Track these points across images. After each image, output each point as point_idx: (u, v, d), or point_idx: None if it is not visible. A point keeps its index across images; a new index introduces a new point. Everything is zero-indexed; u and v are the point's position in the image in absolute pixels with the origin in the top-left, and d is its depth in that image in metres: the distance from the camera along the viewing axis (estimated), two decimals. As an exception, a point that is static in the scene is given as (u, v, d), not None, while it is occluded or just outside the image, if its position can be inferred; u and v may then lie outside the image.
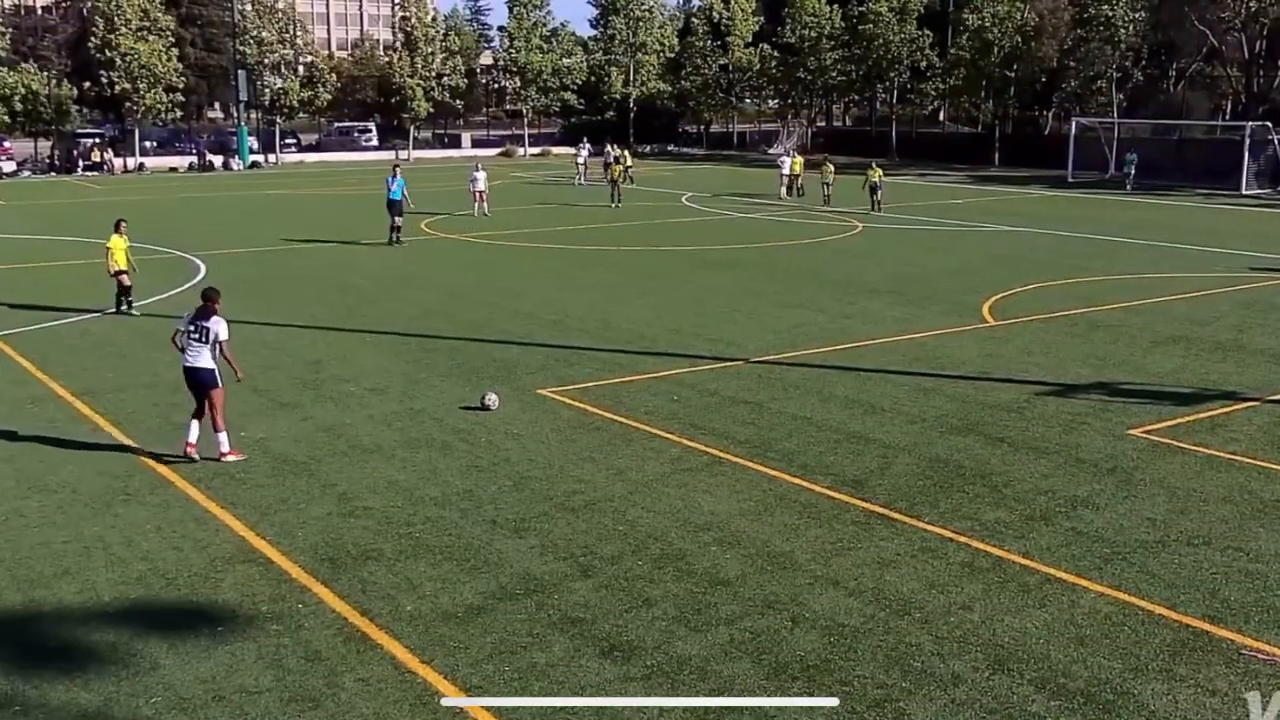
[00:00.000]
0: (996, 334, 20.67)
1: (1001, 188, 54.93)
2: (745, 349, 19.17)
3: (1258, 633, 9.11)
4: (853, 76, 79.48)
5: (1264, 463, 13.28)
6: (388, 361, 18.37)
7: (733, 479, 12.72)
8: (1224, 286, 25.77)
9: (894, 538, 11.05)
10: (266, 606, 9.58)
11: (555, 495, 12.20)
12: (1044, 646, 8.88)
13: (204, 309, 13.43)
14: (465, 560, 10.51)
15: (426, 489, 12.41)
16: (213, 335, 13.20)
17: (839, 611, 9.47)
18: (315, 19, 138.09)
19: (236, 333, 20.46)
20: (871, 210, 41.58)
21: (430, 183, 58.20)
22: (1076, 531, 11.21)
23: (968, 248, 32.94)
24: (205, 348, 13.21)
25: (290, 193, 51.22)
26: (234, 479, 12.71)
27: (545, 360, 18.32)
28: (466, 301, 23.70)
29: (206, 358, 13.23)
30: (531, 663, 8.63)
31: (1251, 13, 59.94)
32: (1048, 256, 30.79)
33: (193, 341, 13.24)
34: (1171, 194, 51.15)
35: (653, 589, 9.90)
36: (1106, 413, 15.35)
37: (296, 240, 34.00)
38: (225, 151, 72.48)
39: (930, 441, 14.10)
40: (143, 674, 8.51)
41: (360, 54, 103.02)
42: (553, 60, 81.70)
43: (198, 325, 13.25)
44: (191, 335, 13.24)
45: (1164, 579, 10.11)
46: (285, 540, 10.98)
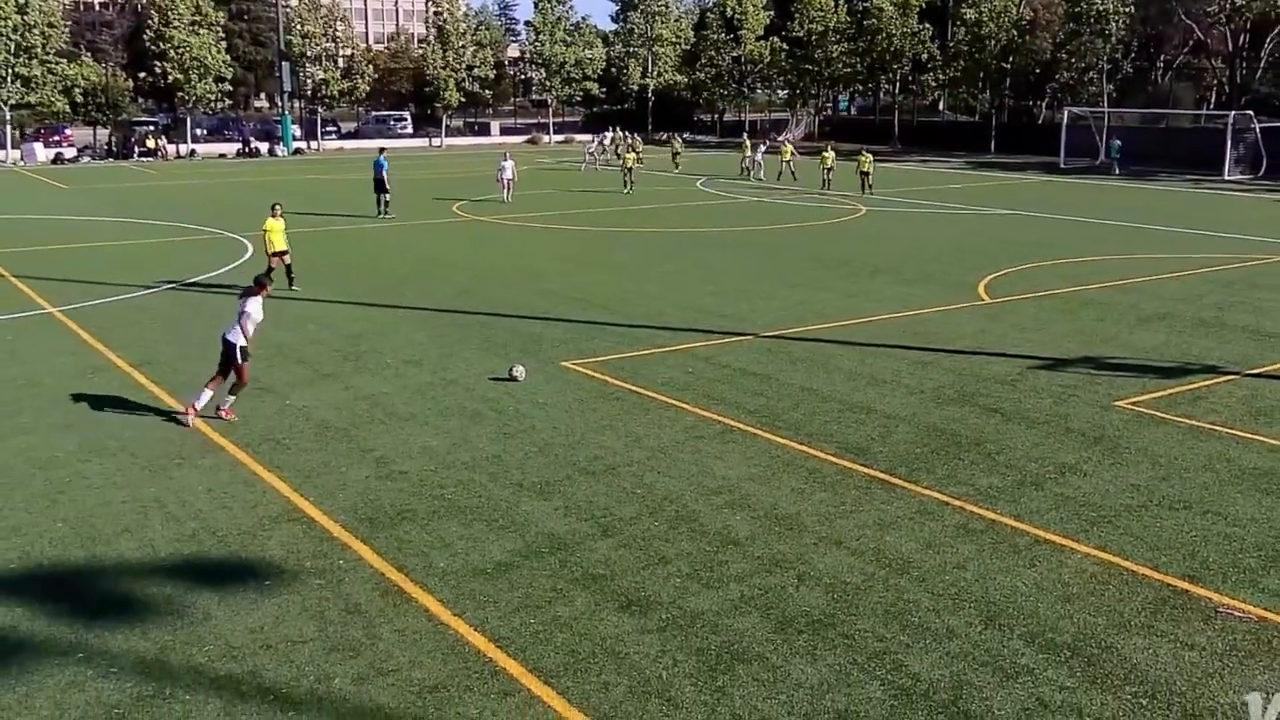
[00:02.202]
0: (991, 311, 20.57)
1: (997, 173, 54.55)
2: (754, 324, 19.13)
3: (1234, 591, 9.09)
4: (858, 68, 78.94)
5: (1242, 433, 13.20)
6: (422, 336, 18.41)
7: (743, 446, 12.72)
8: (1206, 267, 25.57)
9: (893, 501, 11.05)
10: (310, 563, 9.65)
11: (577, 460, 12.23)
12: (1033, 603, 8.88)
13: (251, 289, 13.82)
14: (494, 520, 10.56)
15: (458, 454, 12.45)
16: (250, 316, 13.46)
17: (842, 570, 9.49)
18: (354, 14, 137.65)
19: (284, 308, 20.67)
20: (862, 192, 41.55)
21: (461, 169, 58.17)
22: (1065, 496, 11.18)
23: (964, 230, 32.74)
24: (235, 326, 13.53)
25: (331, 177, 51.23)
26: (280, 444, 12.77)
27: (567, 335, 18.32)
28: (494, 281, 23.69)
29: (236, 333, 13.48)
30: (555, 616, 8.67)
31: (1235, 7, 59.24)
32: (1040, 238, 30.59)
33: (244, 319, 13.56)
34: (1158, 180, 50.72)
35: (668, 548, 9.93)
36: (1094, 385, 15.28)
37: (337, 223, 34.01)
38: (270, 138, 72.57)
39: (928, 411, 14.07)
40: (196, 624, 8.58)
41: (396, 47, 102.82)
42: (575, 53, 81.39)
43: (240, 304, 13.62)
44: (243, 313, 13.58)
45: (1146, 541, 10.08)
46: (327, 501, 11.04)
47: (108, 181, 51.15)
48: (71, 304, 20.97)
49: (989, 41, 68.41)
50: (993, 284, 23.21)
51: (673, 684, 7.73)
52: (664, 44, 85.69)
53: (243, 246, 28.70)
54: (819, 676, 7.82)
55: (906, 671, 7.88)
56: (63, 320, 19.62)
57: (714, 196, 43.13)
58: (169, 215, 36.03)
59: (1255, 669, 7.91)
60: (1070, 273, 24.68)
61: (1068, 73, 68.71)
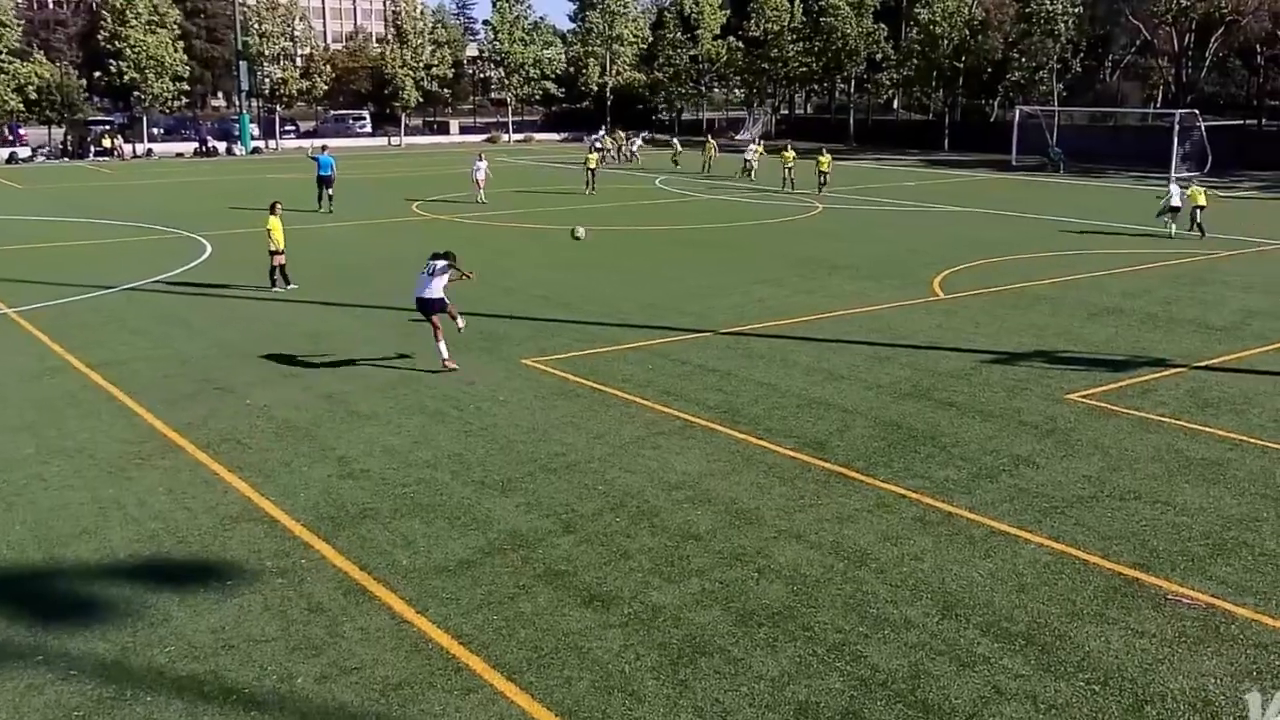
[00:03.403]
0: (946, 307, 20.75)
1: (951, 171, 55.02)
2: (713, 321, 19.18)
3: (1183, 579, 9.23)
4: (813, 67, 79.30)
5: (1189, 424, 13.41)
6: (383, 334, 18.29)
7: (703, 441, 12.75)
8: (1154, 262, 25.93)
9: (852, 495, 11.12)
10: (271, 562, 9.57)
11: (539, 457, 12.21)
12: (989, 593, 8.97)
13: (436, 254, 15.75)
14: (456, 518, 10.52)
15: (419, 452, 12.39)
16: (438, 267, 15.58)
17: (801, 563, 9.54)
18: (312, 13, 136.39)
19: (242, 308, 20.47)
20: (818, 191, 41.60)
21: (420, 168, 57.86)
22: (1019, 488, 11.30)
23: (919, 227, 32.99)
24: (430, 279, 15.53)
25: (290, 177, 50.76)
26: (240, 444, 12.65)
27: (529, 332, 18.28)
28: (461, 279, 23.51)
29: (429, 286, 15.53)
30: (518, 612, 8.65)
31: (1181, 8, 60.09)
32: (993, 235, 30.89)
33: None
34: (1106, 177, 51.36)
35: (630, 543, 9.94)
36: (1046, 379, 15.46)
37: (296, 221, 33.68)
38: (228, 138, 71.72)
39: (885, 406, 14.17)
40: (156, 625, 8.49)
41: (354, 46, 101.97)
42: (534, 52, 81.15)
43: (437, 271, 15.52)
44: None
45: (1098, 531, 10.22)
46: (288, 500, 10.95)
47: (63, 181, 50.39)
48: (28, 305, 20.65)
49: (942, 41, 68.96)
50: (947, 280, 23.41)
51: (635, 678, 7.74)
52: (623, 43, 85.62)
53: (200, 246, 28.38)
54: (779, 668, 7.86)
55: (865, 662, 7.94)
56: (19, 321, 19.32)
57: (673, 195, 43.17)
58: (126, 215, 35.57)
59: (1204, 655, 8.04)
60: (1022, 269, 24.94)
61: (1019, 72, 69.46)
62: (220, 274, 24.06)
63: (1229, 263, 26.11)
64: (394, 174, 53.03)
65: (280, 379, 15.50)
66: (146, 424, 13.44)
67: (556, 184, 46.48)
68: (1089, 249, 28.04)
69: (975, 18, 69.30)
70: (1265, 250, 28.28)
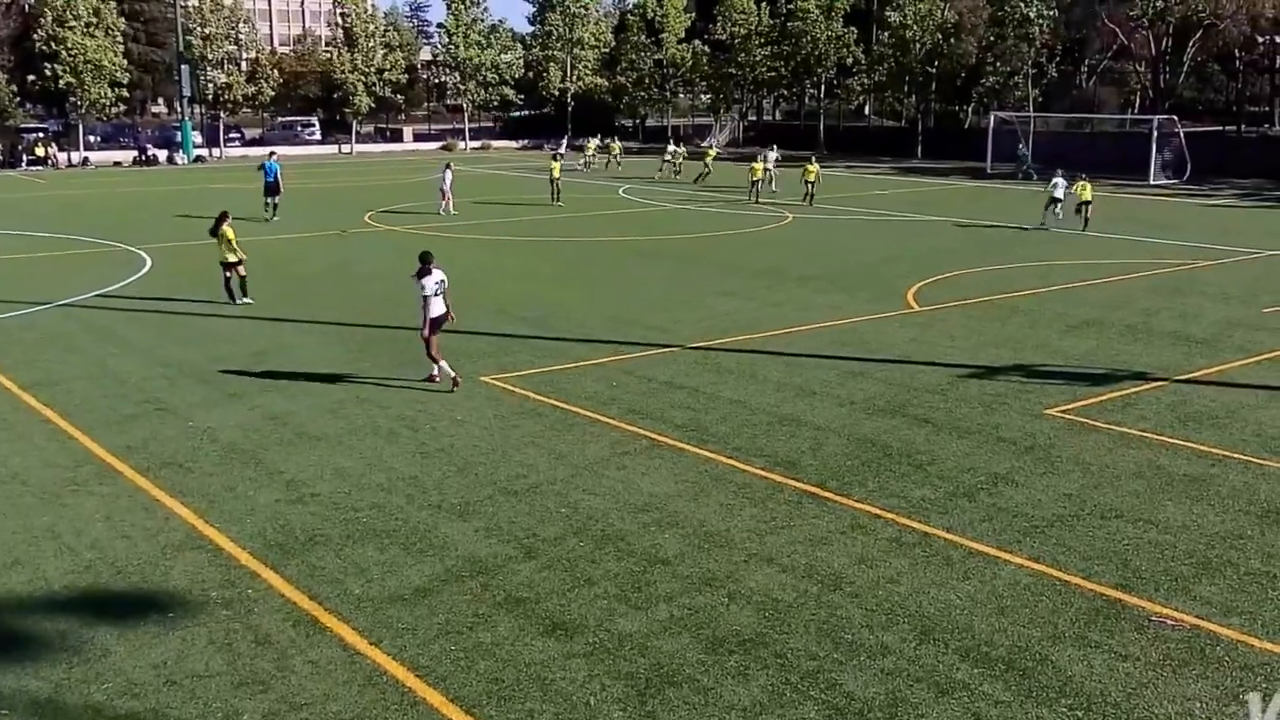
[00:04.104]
0: (920, 319, 20.89)
1: (924, 179, 55.50)
2: (680, 336, 19.22)
3: (1166, 599, 9.32)
4: (782, 72, 79.81)
5: (1171, 439, 13.56)
6: (333, 351, 18.19)
7: (670, 461, 12.75)
8: (1133, 273, 26.25)
9: (825, 516, 11.15)
10: (216, 592, 9.46)
11: (498, 479, 12.16)
12: (967, 617, 9.02)
13: (427, 269, 15.56)
14: (411, 544, 10.45)
15: (372, 475, 12.31)
16: (445, 286, 15.67)
17: (773, 587, 9.54)
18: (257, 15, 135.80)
19: (185, 324, 20.29)
20: (804, 202, 41.45)
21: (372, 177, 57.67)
22: (997, 507, 11.38)
23: (892, 237, 33.24)
24: (440, 298, 15.59)
25: (235, 186, 50.41)
26: (182, 468, 12.52)
27: (487, 348, 18.23)
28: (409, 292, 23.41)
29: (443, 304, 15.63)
30: (477, 642, 8.60)
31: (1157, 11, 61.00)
32: (968, 245, 31.17)
33: (436, 296, 15.52)
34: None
35: (594, 569, 9.91)
36: (1025, 393, 15.59)
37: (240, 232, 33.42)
38: (169, 146, 71.18)
39: (859, 423, 14.24)
40: (94, 661, 8.36)
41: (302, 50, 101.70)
42: (491, 56, 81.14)
43: (437, 282, 15.51)
44: (437, 292, 15.52)
45: (1079, 551, 10.30)
46: (234, 527, 10.84)
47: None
48: (-45, 322, 20.37)
49: (914, 45, 69.60)
50: (922, 292, 23.58)
51: (601, 710, 7.71)
52: (584, 47, 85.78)
53: (140, 260, 28.12)
54: (751, 698, 7.85)
55: (841, 690, 7.95)
56: (-55, 340, 19.04)
57: (637, 204, 43.26)
58: (61, 227, 35.18)
59: (1189, 678, 8.11)
60: (998, 279, 25.17)
61: (993, 77, 70.21)
62: (161, 288, 23.84)
63: (1209, 273, 26.48)
64: (345, 183, 52.82)
65: (225, 399, 15.36)
66: (83, 448, 13.27)
67: (516, 193, 46.44)
68: (1066, 259, 28.35)
69: (948, 21, 70.00)
70: (1245, 260, 28.71)
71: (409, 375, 16.40)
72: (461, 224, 35.73)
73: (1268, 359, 17.72)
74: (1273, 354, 18.04)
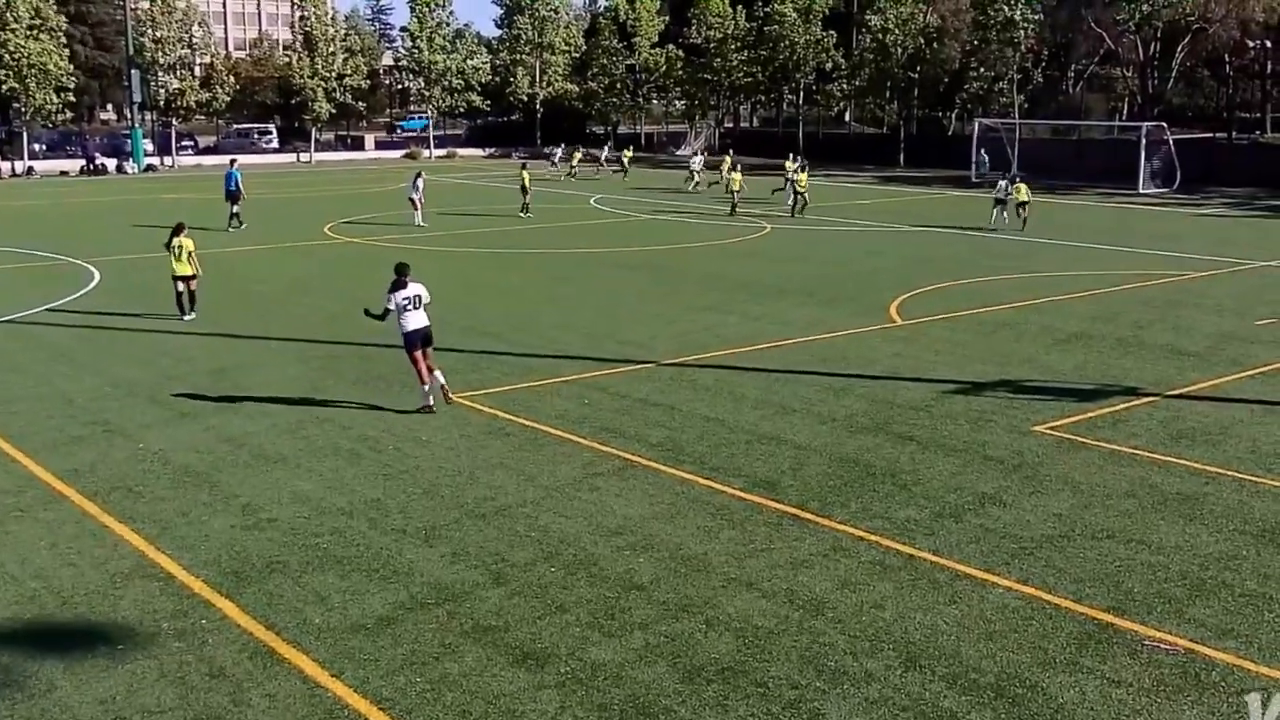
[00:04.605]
0: (904, 334, 20.99)
1: (907, 188, 55.85)
2: (655, 351, 19.24)
3: (1160, 622, 9.37)
4: (759, 78, 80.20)
5: (1164, 457, 13.66)
6: (292, 368, 18.10)
7: (645, 482, 12.75)
8: (1123, 284, 26.48)
9: (806, 538, 11.17)
10: (168, 623, 9.38)
11: (465, 502, 12.13)
12: (955, 642, 9.04)
13: (401, 282, 15.25)
14: (374, 571, 10.40)
15: (333, 499, 12.25)
16: (424, 300, 15.41)
17: (753, 613, 9.54)
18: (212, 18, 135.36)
19: (136, 341, 20.16)
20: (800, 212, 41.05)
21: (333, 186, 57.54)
22: (985, 528, 11.43)
23: (874, 248, 33.41)
24: (423, 311, 15.34)
25: (188, 196, 50.21)
26: (133, 492, 12.42)
27: (454, 365, 18.17)
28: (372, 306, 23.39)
29: (425, 317, 15.37)
30: (443, 673, 8.56)
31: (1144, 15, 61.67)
32: (953, 256, 31.37)
33: (410, 310, 15.19)
34: (1070, 194, 52.42)
35: (566, 595, 9.88)
36: (1012, 410, 15.68)
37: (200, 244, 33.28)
38: (119, 154, 70.83)
39: (841, 441, 14.28)
40: (38, 696, 8.27)
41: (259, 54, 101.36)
42: (457, 61, 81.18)
43: (410, 297, 15.20)
44: (406, 306, 15.18)
45: (1070, 573, 10.35)
46: (187, 554, 10.76)
47: (-67, 203, 49.37)
48: (-109, 340, 20.17)
49: (895, 50, 70.09)
50: (905, 305, 23.70)
51: (574, 743, 7.68)
52: (554, 51, 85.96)
53: (88, 274, 27.92)
54: (731, 729, 7.84)
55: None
56: (-119, 358, 18.85)
57: (609, 214, 43.33)
58: (4, 240, 34.91)
59: (1184, 704, 8.15)
60: (984, 292, 25.33)
61: (977, 83, 70.77)
62: (111, 303, 23.69)
63: (1201, 284, 26.74)
64: (305, 193, 52.68)
65: (178, 419, 15.26)
66: (26, 471, 13.15)
67: (484, 203, 46.42)
68: (1053, 270, 28.57)
69: (930, 25, 70.57)
70: (1238, 271, 29.00)
71: (372, 394, 16.34)
72: (427, 235, 35.68)
73: (1262, 373, 17.90)
74: (1267, 368, 18.22)
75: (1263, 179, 54.66)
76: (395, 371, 17.45)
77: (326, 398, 16.28)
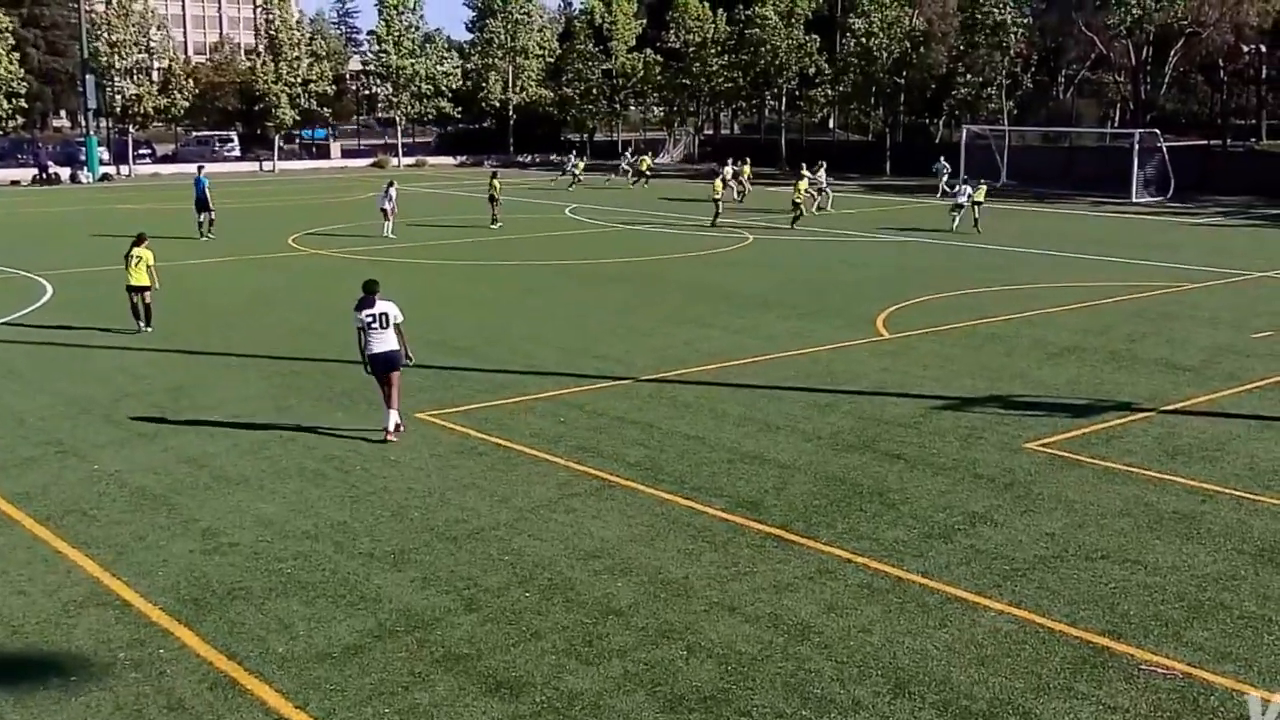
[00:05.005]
0: (891, 347, 21.06)
1: (893, 197, 56.07)
2: (634, 367, 19.24)
3: (1157, 646, 9.40)
4: (740, 83, 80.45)
5: (1160, 474, 13.73)
6: (254, 386, 18.03)
7: (623, 503, 12.74)
8: (1116, 296, 26.65)
9: (791, 560, 11.17)
10: (125, 653, 9.31)
11: (436, 525, 12.09)
12: (945, 668, 9.05)
13: (368, 299, 14.71)
14: (340, 596, 10.35)
15: (298, 522, 12.19)
16: (392, 319, 14.74)
17: (736, 639, 9.53)
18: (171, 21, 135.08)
19: (91, 358, 20.04)
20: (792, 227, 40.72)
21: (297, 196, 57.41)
22: (975, 549, 11.46)
23: (860, 259, 33.53)
24: (389, 332, 14.74)
25: (145, 207, 50.00)
26: (87, 516, 12.33)
27: (424, 382, 18.14)
28: (338, 320, 23.31)
29: (394, 340, 14.80)
30: (413, 703, 8.52)
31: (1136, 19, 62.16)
32: (940, 267, 31.50)
33: (375, 330, 14.69)
34: (1062, 202, 52.77)
35: (541, 621, 9.86)
36: (1003, 426, 15.74)
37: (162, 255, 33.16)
38: (72, 163, 70.45)
39: (826, 459, 14.30)
40: (-13, 731, 8.20)
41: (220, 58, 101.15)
42: (426, 65, 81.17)
43: (375, 315, 14.66)
44: (371, 325, 14.66)
45: (1063, 595, 10.38)
46: (144, 581, 10.68)
47: (-123, 213, 49.01)
48: None
49: (880, 54, 70.42)
50: (892, 318, 23.79)
51: (549, 776, 7.65)
52: (527, 56, 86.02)
53: (40, 288, 27.76)
54: (713, 760, 7.83)
55: (810, 750, 7.94)
56: None
57: (584, 225, 43.37)
58: (-49, 252, 34.68)
59: (1181, 730, 8.18)
60: (973, 304, 25.45)
61: (965, 88, 71.14)
62: (64, 318, 23.55)
63: (1196, 296, 26.93)
64: (268, 203, 52.53)
65: (135, 440, 15.17)
66: (-25, 495, 13.05)
67: (457, 213, 46.37)
68: (1044, 281, 28.73)
69: (916, 29, 70.94)
70: (1234, 282, 29.24)
71: (338, 412, 16.28)
72: (396, 247, 35.63)
73: (1259, 387, 18.03)
74: (1264, 382, 18.35)
75: (1259, 187, 55.06)
76: (362, 388, 17.37)
77: (290, 416, 16.21)
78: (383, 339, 14.79)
